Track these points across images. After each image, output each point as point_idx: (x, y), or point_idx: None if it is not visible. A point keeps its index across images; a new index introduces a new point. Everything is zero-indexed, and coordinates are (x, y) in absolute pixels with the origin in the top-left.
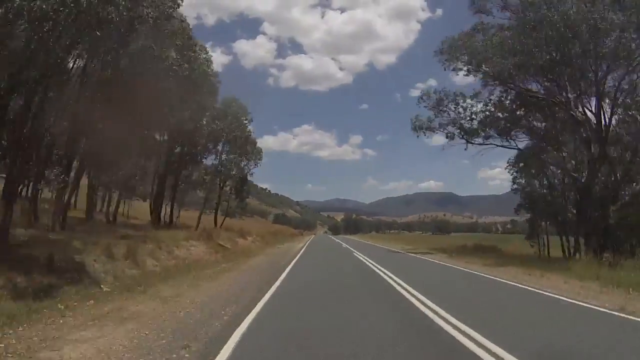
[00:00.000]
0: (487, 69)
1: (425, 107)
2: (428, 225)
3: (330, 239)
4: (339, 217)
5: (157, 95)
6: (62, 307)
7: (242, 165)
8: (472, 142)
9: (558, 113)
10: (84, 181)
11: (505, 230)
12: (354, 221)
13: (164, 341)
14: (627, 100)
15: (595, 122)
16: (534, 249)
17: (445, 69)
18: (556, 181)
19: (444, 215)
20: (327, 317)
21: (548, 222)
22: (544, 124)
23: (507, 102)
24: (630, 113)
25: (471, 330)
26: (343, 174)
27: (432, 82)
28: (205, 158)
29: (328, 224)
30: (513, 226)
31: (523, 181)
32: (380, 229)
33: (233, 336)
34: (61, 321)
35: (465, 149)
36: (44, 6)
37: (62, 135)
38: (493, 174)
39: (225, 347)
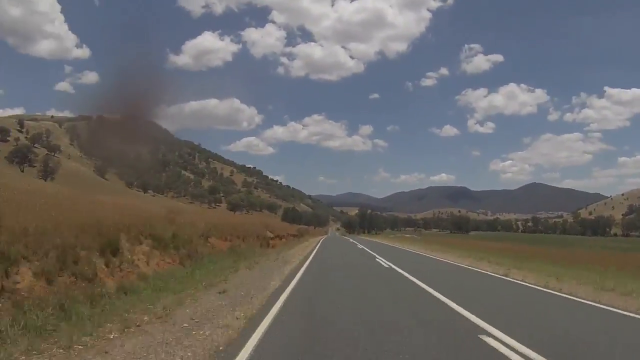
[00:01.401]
0: None
1: None
2: (445, 222)
3: (357, 252)
4: (352, 211)
5: None
6: None
7: None
8: None
9: None
10: None
11: (527, 229)
12: (369, 217)
13: None
14: None
15: None
16: None
17: None
18: None
19: (459, 211)
20: None
21: None
22: None
23: None
24: None
25: None
26: (354, 166)
27: (444, 71)
28: None
29: (341, 219)
30: (534, 224)
31: None
32: (395, 226)
33: None
34: None
35: None
36: None
37: None
38: (504, 166)
39: None
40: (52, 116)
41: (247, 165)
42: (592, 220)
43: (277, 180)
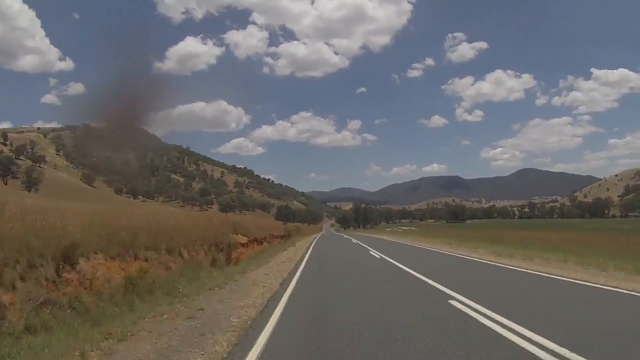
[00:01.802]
0: None
1: None
2: (441, 212)
3: (377, 265)
4: (346, 206)
5: None
6: None
7: None
8: None
9: None
10: None
11: (524, 214)
12: (364, 211)
13: None
14: None
15: None
16: None
17: None
18: None
19: (453, 200)
20: None
21: None
22: None
23: None
24: None
25: None
26: (345, 161)
27: (430, 62)
28: None
29: (335, 215)
30: (531, 210)
31: None
32: (390, 219)
33: None
34: None
35: None
36: None
37: None
38: (495, 154)
39: None
40: (38, 128)
41: (237, 166)
42: (590, 202)
43: (269, 179)
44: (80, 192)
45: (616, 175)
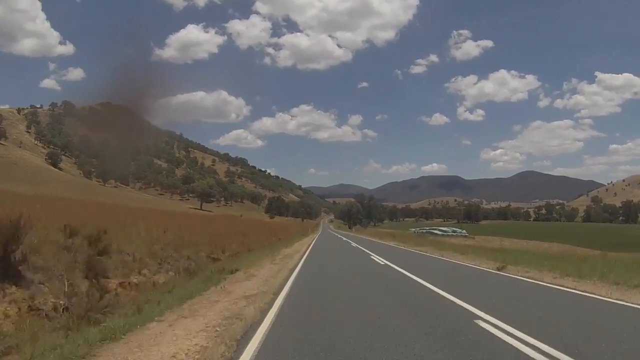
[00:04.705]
0: None
1: None
2: (453, 211)
3: None
4: (344, 201)
5: None
6: None
7: None
8: None
9: None
10: None
11: (540, 216)
12: (368, 206)
13: None
14: None
15: None
16: None
17: None
18: None
19: (455, 200)
20: None
21: None
22: None
23: None
24: None
25: None
26: (344, 157)
27: (434, 58)
28: None
29: (334, 210)
30: (548, 212)
31: None
32: (394, 217)
33: None
34: None
35: None
36: None
37: None
38: (495, 155)
39: None
40: (24, 107)
41: (230, 155)
42: (619, 206)
43: (265, 171)
44: (33, 175)
45: (623, 181)
